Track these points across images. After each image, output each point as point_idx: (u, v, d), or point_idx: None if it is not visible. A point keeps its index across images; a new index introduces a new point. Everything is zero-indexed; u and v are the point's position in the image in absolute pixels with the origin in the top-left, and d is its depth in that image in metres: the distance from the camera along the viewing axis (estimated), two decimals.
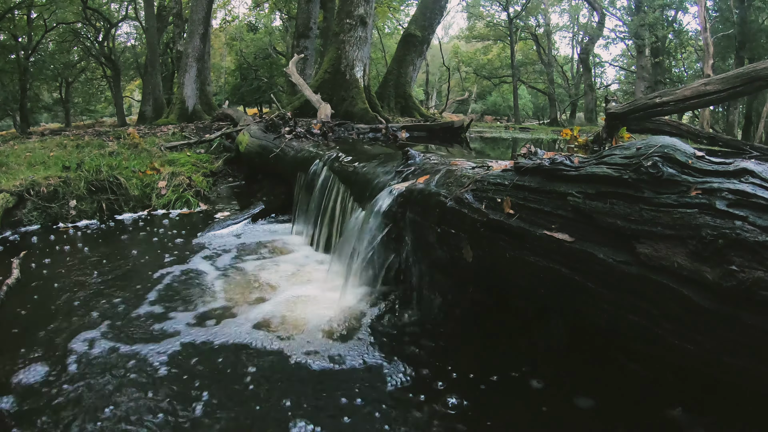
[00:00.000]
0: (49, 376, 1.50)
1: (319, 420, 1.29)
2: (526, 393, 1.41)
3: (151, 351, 1.66)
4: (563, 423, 1.29)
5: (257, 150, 4.36)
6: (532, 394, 1.40)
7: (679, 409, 1.27)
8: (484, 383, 1.45)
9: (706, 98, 3.35)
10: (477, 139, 8.09)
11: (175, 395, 1.40)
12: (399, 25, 22.11)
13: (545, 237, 1.22)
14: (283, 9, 19.77)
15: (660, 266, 0.97)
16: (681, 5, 17.11)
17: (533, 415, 1.31)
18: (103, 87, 22.72)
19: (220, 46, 25.29)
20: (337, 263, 2.34)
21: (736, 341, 0.90)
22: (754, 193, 0.90)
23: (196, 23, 10.69)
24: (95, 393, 1.42)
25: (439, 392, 1.40)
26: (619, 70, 25.06)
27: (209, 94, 12.44)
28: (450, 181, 1.71)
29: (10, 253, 2.75)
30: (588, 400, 1.36)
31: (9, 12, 14.96)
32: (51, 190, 3.61)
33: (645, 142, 1.12)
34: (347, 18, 8.02)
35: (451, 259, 1.67)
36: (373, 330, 1.80)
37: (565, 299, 1.29)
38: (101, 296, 2.17)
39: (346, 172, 2.73)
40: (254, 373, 1.52)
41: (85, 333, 1.80)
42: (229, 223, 3.46)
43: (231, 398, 1.39)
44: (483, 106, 28.54)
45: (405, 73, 10.99)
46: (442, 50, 23.30)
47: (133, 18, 19.52)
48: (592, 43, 21.49)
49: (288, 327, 1.85)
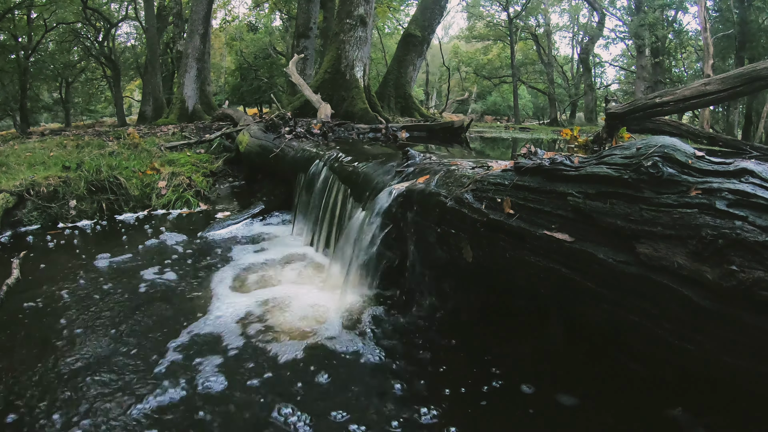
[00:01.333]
0: (49, 376, 1.50)
1: (316, 420, 1.29)
2: (526, 393, 1.40)
3: (150, 351, 1.67)
4: (562, 422, 1.29)
5: (257, 150, 4.36)
6: (532, 393, 1.40)
7: (679, 409, 1.27)
8: (484, 384, 1.44)
9: (706, 98, 3.35)
10: (477, 139, 8.09)
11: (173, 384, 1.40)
12: (399, 25, 22.09)
13: (545, 237, 1.22)
14: (283, 9, 19.77)
15: (660, 266, 0.97)
16: (681, 5, 17.10)
17: (532, 414, 1.31)
18: (103, 87, 22.71)
19: (220, 46, 25.27)
20: (337, 263, 2.34)
21: (736, 341, 0.90)
22: (754, 193, 0.90)
23: (196, 23, 10.68)
24: (95, 392, 1.42)
25: (440, 392, 1.40)
26: (619, 70, 25.06)
27: (209, 94, 12.43)
28: (450, 181, 1.71)
29: (10, 253, 2.75)
30: (588, 400, 1.36)
31: (9, 12, 14.95)
32: (51, 190, 3.61)
33: (645, 142, 1.12)
34: (347, 18, 8.02)
35: (451, 259, 1.67)
36: (372, 330, 1.80)
37: (565, 299, 1.29)
38: (101, 296, 2.17)
39: (346, 172, 2.73)
40: (249, 371, 1.53)
41: (85, 332, 1.80)
42: (229, 223, 3.46)
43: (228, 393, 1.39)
44: (483, 106, 28.52)
45: (405, 73, 10.99)
46: (442, 50, 23.29)
47: (133, 18, 19.52)
48: (592, 43, 21.49)
49: (286, 327, 1.85)
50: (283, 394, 1.41)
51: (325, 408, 1.35)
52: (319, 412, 1.33)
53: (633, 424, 1.27)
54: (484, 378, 1.47)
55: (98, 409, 1.34)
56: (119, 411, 1.33)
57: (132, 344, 1.72)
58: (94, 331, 1.83)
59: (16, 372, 1.53)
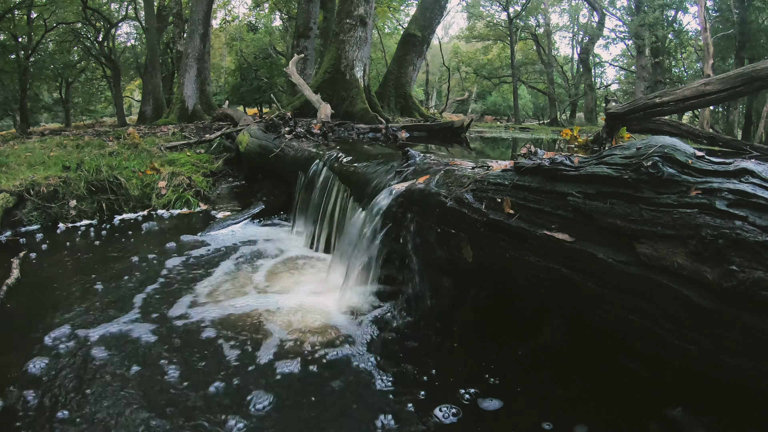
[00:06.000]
0: (48, 376, 1.50)
1: (312, 420, 1.29)
2: (526, 393, 1.40)
3: (149, 351, 1.67)
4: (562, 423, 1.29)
5: (257, 150, 4.36)
6: (531, 394, 1.40)
7: (679, 409, 1.27)
8: (484, 384, 1.45)
9: (706, 98, 3.35)
10: (477, 139, 8.09)
11: (170, 379, 1.40)
12: (399, 25, 22.08)
13: (545, 237, 1.22)
14: (283, 9, 19.77)
15: (660, 266, 0.97)
16: (681, 5, 17.10)
17: (531, 415, 1.31)
18: (103, 87, 22.71)
19: (220, 46, 25.27)
20: (337, 263, 2.34)
21: (736, 341, 0.90)
22: (754, 193, 0.90)
23: (196, 23, 10.68)
24: (94, 391, 1.42)
25: (440, 392, 1.40)
26: (619, 70, 25.06)
27: (209, 94, 12.44)
28: (450, 181, 1.71)
29: (10, 253, 2.75)
30: (587, 399, 1.36)
31: (9, 12, 14.95)
32: (51, 190, 3.60)
33: (645, 142, 1.12)
34: (347, 18, 8.02)
35: (451, 259, 1.67)
36: (372, 330, 1.80)
37: (565, 299, 1.29)
38: (101, 296, 2.17)
39: (346, 172, 2.73)
40: (247, 370, 1.52)
41: (85, 332, 1.80)
42: (229, 223, 3.46)
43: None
44: (483, 106, 28.52)
45: (405, 73, 10.99)
46: (442, 50, 23.28)
47: (133, 18, 19.51)
48: (592, 43, 21.49)
49: (285, 327, 1.85)
50: (275, 394, 1.41)
51: (324, 408, 1.35)
52: (317, 411, 1.33)
53: (633, 424, 1.27)
54: (485, 378, 1.47)
55: (98, 411, 1.34)
56: (128, 414, 1.33)
57: (131, 343, 1.72)
58: (94, 330, 1.83)
59: (16, 372, 1.53)
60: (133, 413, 1.32)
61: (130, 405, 1.36)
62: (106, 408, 1.34)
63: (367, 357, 1.62)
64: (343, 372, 1.53)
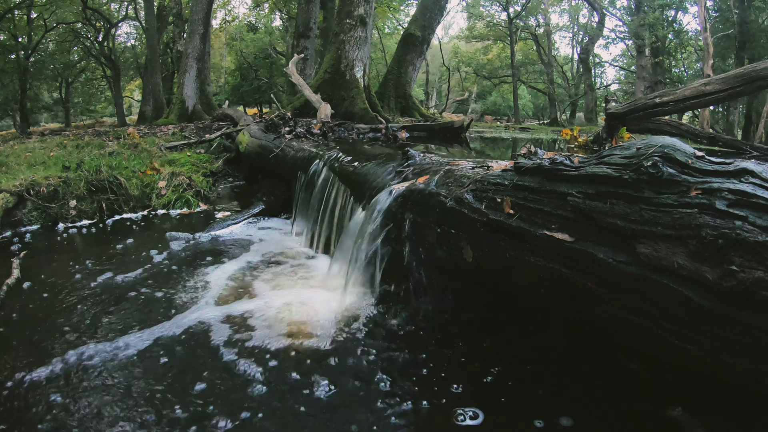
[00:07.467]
0: (48, 376, 1.50)
1: (309, 420, 1.29)
2: (525, 393, 1.41)
3: (149, 350, 1.67)
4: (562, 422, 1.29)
5: (257, 150, 4.36)
6: (531, 393, 1.40)
7: (679, 409, 1.27)
8: (485, 384, 1.45)
9: (706, 98, 3.36)
10: (477, 139, 8.09)
11: (170, 384, 1.40)
12: (399, 25, 22.09)
13: (545, 237, 1.22)
14: (283, 9, 19.78)
15: (660, 266, 0.97)
16: (681, 5, 17.10)
17: (529, 414, 1.31)
18: (103, 87, 22.72)
19: (220, 46, 25.29)
20: (337, 264, 2.34)
21: (736, 341, 0.90)
22: (754, 193, 0.90)
23: (196, 23, 10.68)
24: (93, 390, 1.42)
25: (439, 392, 1.40)
26: (619, 70, 25.05)
27: (209, 94, 12.45)
28: (450, 181, 1.71)
29: (10, 253, 2.75)
30: (587, 399, 1.36)
31: (9, 12, 14.96)
32: (51, 190, 3.60)
33: (645, 142, 1.12)
34: (347, 18, 8.02)
35: (451, 260, 1.67)
36: (373, 330, 1.80)
37: (565, 299, 1.29)
38: (101, 296, 2.17)
39: (346, 172, 2.73)
40: (245, 371, 1.53)
41: (84, 332, 1.80)
42: (229, 223, 3.46)
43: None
44: (483, 106, 28.52)
45: (405, 73, 11.00)
46: (442, 50, 23.27)
47: (133, 18, 19.52)
48: (592, 43, 21.49)
49: (284, 327, 1.85)
50: (277, 396, 1.41)
51: (323, 408, 1.35)
52: (316, 412, 1.33)
53: (633, 424, 1.27)
54: (485, 378, 1.47)
55: (98, 412, 1.34)
56: (124, 414, 1.33)
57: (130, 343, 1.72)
58: (95, 331, 1.83)
59: (16, 372, 1.53)
60: (132, 411, 1.32)
61: (125, 401, 1.36)
62: (105, 406, 1.34)
63: (367, 357, 1.62)
64: (343, 372, 1.53)
